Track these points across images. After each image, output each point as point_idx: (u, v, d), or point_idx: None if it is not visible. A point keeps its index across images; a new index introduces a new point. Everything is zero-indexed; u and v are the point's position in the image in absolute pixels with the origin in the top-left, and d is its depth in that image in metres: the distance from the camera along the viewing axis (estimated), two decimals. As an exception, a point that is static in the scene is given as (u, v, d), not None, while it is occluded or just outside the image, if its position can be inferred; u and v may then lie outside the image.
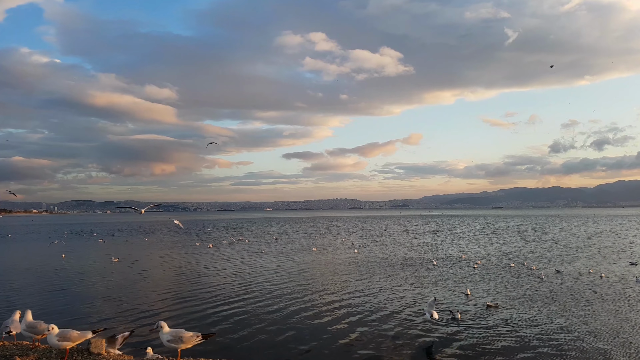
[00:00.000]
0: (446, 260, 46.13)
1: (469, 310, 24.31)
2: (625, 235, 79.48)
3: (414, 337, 19.75)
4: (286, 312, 24.22)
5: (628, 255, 48.39)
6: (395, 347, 18.50)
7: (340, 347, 18.50)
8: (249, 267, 43.21)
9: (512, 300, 26.70)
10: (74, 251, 62.07)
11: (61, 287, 32.68)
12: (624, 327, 20.84)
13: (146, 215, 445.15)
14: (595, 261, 43.94)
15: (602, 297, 27.30)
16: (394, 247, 62.80)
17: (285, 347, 18.55)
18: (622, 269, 38.88)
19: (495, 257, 48.57)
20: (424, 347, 18.30)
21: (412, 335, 20.03)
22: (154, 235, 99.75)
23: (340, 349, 18.29)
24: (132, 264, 46.80)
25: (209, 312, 24.52)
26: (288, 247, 64.11)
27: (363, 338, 19.66)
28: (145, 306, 26.13)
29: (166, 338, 13.63)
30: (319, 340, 19.33)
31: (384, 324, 21.75)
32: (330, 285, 32.68)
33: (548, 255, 49.22)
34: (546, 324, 21.39)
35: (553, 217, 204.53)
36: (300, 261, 47.36)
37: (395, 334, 20.27)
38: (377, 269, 40.63)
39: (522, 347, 18.12)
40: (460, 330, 20.60)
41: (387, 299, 27.51)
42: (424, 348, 18.16)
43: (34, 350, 13.24)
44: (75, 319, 22.83)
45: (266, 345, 18.80)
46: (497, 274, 36.51)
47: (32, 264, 47.28)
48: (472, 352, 17.64)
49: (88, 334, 13.37)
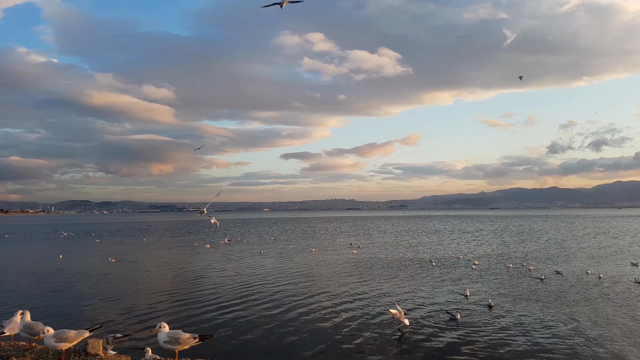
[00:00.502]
0: (445, 260, 46.11)
1: (468, 310, 24.27)
2: (622, 236, 79.69)
3: (415, 339, 19.71)
4: (284, 314, 24.13)
5: (627, 256, 48.49)
6: (397, 349, 18.46)
7: (338, 350, 18.44)
8: (248, 268, 43.12)
9: (511, 300, 26.65)
10: (71, 251, 61.89)
11: (58, 288, 32.52)
12: (623, 328, 20.84)
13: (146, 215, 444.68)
14: (594, 261, 44.01)
15: (600, 298, 27.30)
16: (392, 247, 62.77)
17: (283, 349, 18.47)
18: (620, 268, 38.92)
19: (494, 257, 48.59)
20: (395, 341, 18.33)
21: (412, 336, 20.00)
22: (152, 235, 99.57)
23: (337, 352, 18.23)
24: (130, 264, 46.66)
25: (206, 313, 24.41)
26: (287, 248, 64.03)
27: (362, 341, 19.58)
28: (142, 307, 26.02)
29: (163, 339, 13.59)
30: (317, 343, 19.24)
31: (385, 328, 21.69)
32: (330, 287, 32.60)
33: (547, 256, 49.28)
34: (544, 324, 21.37)
35: (551, 217, 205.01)
36: (299, 262, 47.28)
37: (398, 337, 20.21)
38: (376, 269, 40.57)
39: (522, 347, 18.10)
40: (460, 330, 20.57)
41: (388, 302, 27.44)
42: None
43: (30, 351, 13.17)
44: (71, 320, 22.71)
45: (264, 347, 18.71)
46: (495, 274, 36.50)
47: (29, 265, 47.09)
48: (472, 353, 17.59)
49: (84, 332, 13.32)
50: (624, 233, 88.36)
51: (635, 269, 38.47)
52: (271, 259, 50.26)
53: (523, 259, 46.66)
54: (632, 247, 59.70)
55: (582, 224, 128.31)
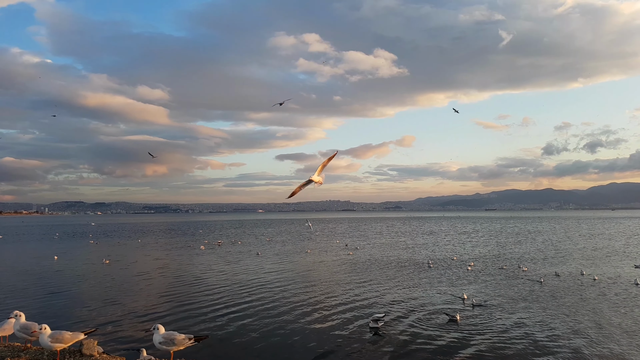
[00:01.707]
0: (441, 262, 46.14)
1: (465, 311, 24.31)
2: (617, 238, 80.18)
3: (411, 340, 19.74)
4: (280, 316, 24.04)
5: (621, 257, 48.80)
6: (393, 351, 18.48)
7: (333, 351, 18.42)
8: (243, 269, 43.02)
9: (506, 301, 26.70)
10: (67, 253, 61.55)
11: (53, 290, 32.28)
12: (619, 328, 20.93)
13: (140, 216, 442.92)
14: (590, 263, 44.25)
15: (596, 299, 27.42)
16: (388, 249, 62.81)
17: (278, 350, 18.39)
18: (615, 270, 39.14)
19: (489, 258, 48.71)
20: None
21: (409, 338, 20.03)
22: (147, 237, 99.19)
23: (332, 353, 18.21)
24: (124, 265, 46.43)
25: (201, 314, 24.31)
26: (282, 249, 63.94)
27: (358, 343, 19.56)
28: (137, 308, 25.90)
29: (158, 340, 13.60)
30: (312, 345, 19.20)
31: (381, 330, 21.71)
32: (325, 288, 32.56)
33: (542, 257, 49.46)
34: (540, 325, 21.42)
35: (546, 219, 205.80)
36: (295, 263, 47.24)
37: (395, 339, 20.24)
38: (372, 271, 40.58)
39: (518, 349, 18.13)
40: (459, 331, 20.60)
41: (385, 303, 27.47)
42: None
43: (25, 352, 13.12)
44: (67, 322, 22.55)
45: (258, 348, 18.63)
46: (492, 276, 36.59)
47: (24, 266, 46.80)
48: (471, 354, 17.64)
49: (80, 335, 13.29)
50: (618, 234, 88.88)
51: (634, 271, 38.61)
52: (266, 260, 50.18)
53: (518, 260, 46.80)
54: (628, 248, 60.02)
55: (577, 226, 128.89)
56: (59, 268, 44.20)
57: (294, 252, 58.87)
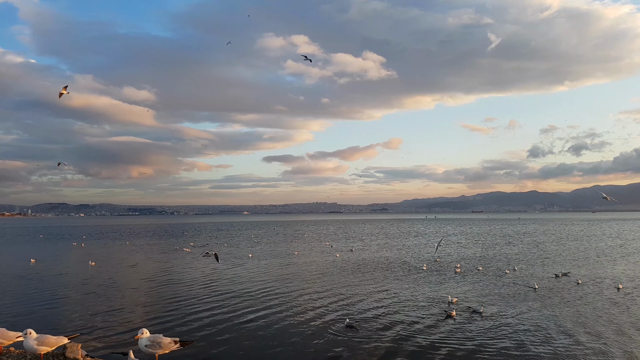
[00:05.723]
0: (431, 264, 46.34)
1: (460, 313, 24.47)
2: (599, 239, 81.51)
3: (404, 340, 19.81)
4: (266, 319, 23.85)
5: (606, 260, 49.61)
6: (382, 352, 18.53)
7: (319, 354, 18.41)
8: (230, 271, 42.79)
9: (496, 302, 26.98)
10: (50, 255, 60.64)
11: (35, 293, 31.71)
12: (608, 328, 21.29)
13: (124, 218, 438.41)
14: (578, 263, 44.95)
15: (579, 300, 27.91)
16: (375, 250, 63.00)
17: (263, 355, 18.29)
18: (598, 272, 39.78)
19: (475, 260, 49.13)
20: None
21: (403, 338, 20.11)
22: (134, 239, 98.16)
23: (319, 356, 18.21)
24: (110, 268, 45.87)
25: (187, 318, 24.08)
26: (269, 251, 63.70)
27: (346, 345, 19.56)
28: (123, 311, 25.59)
29: (144, 343, 13.51)
30: (298, 348, 19.15)
31: (369, 331, 21.75)
32: (312, 290, 32.49)
33: (526, 259, 50.10)
34: (526, 326, 21.69)
35: (531, 220, 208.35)
36: (282, 265, 47.10)
37: (387, 340, 20.28)
38: (359, 273, 40.64)
39: (506, 350, 18.33)
40: (459, 332, 20.74)
41: (371, 305, 27.54)
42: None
43: (7, 355, 12.91)
44: (51, 326, 22.16)
45: (244, 354, 18.51)
46: (481, 277, 36.93)
47: (6, 270, 46.02)
48: (470, 354, 17.78)
49: (63, 339, 13.14)
50: (597, 237, 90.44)
51: (613, 272, 39.28)
52: (253, 262, 49.95)
53: (506, 262, 47.34)
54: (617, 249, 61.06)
55: (559, 228, 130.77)
56: (40, 271, 43.47)
57: (281, 254, 58.62)
